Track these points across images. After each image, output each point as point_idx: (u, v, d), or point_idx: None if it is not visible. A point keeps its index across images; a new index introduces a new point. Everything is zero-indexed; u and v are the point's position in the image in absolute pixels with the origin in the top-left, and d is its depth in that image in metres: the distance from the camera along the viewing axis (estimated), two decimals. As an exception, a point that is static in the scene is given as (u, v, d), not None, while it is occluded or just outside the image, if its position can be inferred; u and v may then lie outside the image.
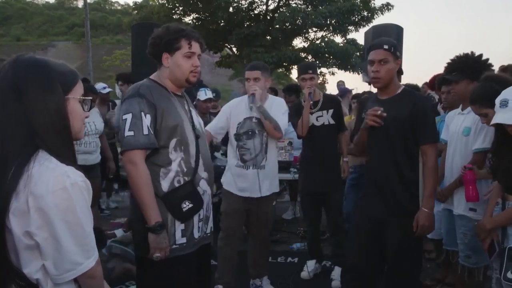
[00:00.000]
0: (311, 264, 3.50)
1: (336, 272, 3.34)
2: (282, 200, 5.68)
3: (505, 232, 1.91)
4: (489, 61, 2.52)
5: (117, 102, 5.03)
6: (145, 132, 1.76)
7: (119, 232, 3.76)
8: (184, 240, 1.85)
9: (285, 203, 5.59)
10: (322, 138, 3.32)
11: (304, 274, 3.44)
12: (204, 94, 4.16)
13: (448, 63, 2.61)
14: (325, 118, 3.33)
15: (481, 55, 2.53)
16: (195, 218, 1.89)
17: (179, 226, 1.84)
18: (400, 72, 2.34)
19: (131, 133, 1.75)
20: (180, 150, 1.84)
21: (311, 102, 3.26)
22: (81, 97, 1.17)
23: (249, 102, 2.79)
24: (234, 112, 2.91)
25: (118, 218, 4.71)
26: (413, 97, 2.33)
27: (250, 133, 2.83)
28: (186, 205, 1.82)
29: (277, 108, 2.89)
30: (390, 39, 2.47)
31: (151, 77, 1.95)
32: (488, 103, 2.01)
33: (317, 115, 3.34)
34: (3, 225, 1.00)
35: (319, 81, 17.17)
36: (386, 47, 2.25)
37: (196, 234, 1.90)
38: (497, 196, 2.01)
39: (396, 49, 2.29)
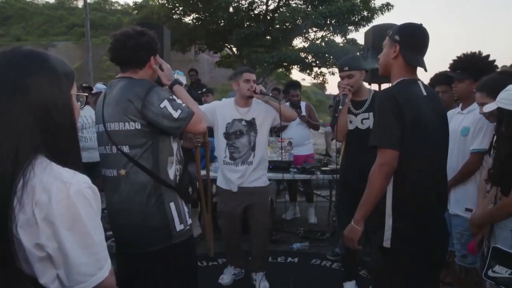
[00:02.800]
0: (350, 286, 3.11)
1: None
2: (282, 200, 5.67)
3: (492, 231, 1.91)
4: (495, 63, 2.48)
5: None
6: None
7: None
8: (190, 221, 2.00)
9: (285, 203, 5.57)
10: (366, 144, 2.40)
11: None
12: None
13: (454, 60, 2.57)
14: (372, 120, 2.68)
15: (488, 56, 2.49)
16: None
17: (186, 209, 1.97)
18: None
19: (180, 111, 1.79)
20: (174, 140, 1.94)
21: (350, 101, 2.88)
22: (77, 93, 1.12)
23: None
24: (220, 112, 3.01)
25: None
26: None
27: (238, 133, 2.96)
28: (190, 190, 2.04)
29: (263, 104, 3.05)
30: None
31: (134, 76, 1.94)
32: (494, 94, 1.98)
33: (363, 117, 2.88)
34: (9, 237, 0.93)
35: (319, 81, 17.26)
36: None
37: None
38: (492, 196, 2.00)
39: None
